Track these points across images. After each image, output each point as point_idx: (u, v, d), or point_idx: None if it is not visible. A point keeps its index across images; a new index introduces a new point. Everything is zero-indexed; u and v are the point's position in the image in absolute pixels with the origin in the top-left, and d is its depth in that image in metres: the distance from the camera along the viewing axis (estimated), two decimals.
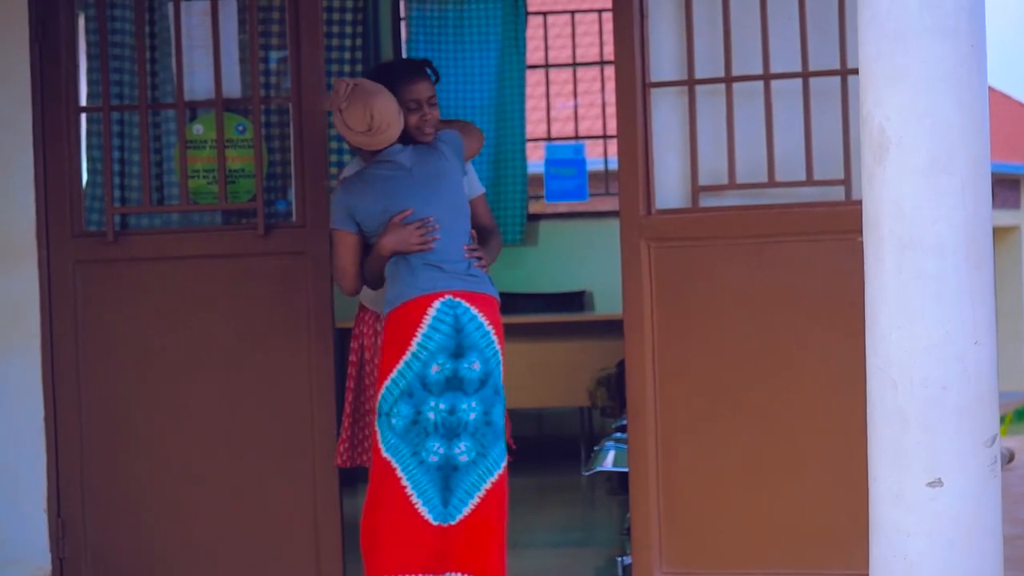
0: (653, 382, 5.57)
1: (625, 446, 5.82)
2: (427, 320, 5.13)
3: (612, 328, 7.09)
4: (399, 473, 5.14)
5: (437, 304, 5.14)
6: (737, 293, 5.52)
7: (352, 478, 5.73)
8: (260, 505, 5.77)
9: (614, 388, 7.66)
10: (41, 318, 5.85)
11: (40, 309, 5.85)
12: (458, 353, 5.14)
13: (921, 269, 3.66)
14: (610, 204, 10.27)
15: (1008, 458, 8.66)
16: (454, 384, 5.14)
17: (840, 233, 5.40)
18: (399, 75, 5.38)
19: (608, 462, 6.05)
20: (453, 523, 5.16)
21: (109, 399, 5.83)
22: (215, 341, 5.79)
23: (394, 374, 5.15)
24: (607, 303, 9.46)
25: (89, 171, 6.02)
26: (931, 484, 3.65)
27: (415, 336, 5.13)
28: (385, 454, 5.15)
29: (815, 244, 5.48)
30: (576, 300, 9.78)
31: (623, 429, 6.06)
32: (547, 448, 9.25)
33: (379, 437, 5.16)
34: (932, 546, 3.65)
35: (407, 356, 5.13)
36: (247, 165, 5.90)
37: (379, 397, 5.16)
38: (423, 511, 5.16)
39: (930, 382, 3.65)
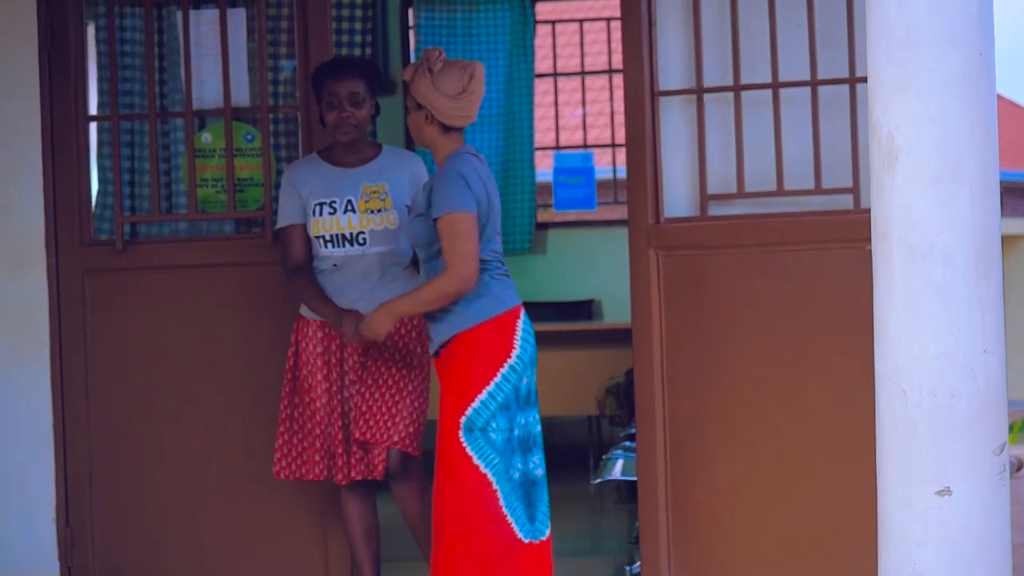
0: (662, 391, 5.57)
1: (634, 455, 5.82)
2: (519, 332, 5.03)
3: (621, 337, 7.08)
4: (495, 487, 5.02)
5: (523, 315, 5.06)
6: (746, 301, 5.52)
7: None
8: (268, 513, 5.76)
9: (623, 397, 7.65)
10: (50, 327, 5.85)
11: (49, 318, 5.85)
12: (533, 365, 5.09)
13: (930, 277, 3.65)
14: (619, 213, 10.27)
15: (1016, 467, 8.65)
16: (532, 398, 5.10)
17: (849, 242, 5.40)
18: (326, 71, 5.38)
19: (617, 471, 6.04)
20: (544, 538, 5.09)
21: (118, 408, 5.83)
22: (223, 349, 5.79)
23: (491, 387, 4.99)
24: (616, 312, 9.45)
25: (99, 180, 6.02)
26: (940, 492, 3.64)
27: (513, 347, 5.00)
28: (484, 469, 4.99)
29: (824, 253, 5.48)
30: (585, 309, 9.77)
31: (632, 438, 6.05)
32: (555, 457, 9.19)
33: (474, 452, 4.99)
34: (940, 555, 3.65)
35: (504, 369, 4.99)
36: (255, 174, 5.91)
37: (469, 410, 4.99)
38: (515, 528, 5.03)
39: (939, 390, 3.64)
